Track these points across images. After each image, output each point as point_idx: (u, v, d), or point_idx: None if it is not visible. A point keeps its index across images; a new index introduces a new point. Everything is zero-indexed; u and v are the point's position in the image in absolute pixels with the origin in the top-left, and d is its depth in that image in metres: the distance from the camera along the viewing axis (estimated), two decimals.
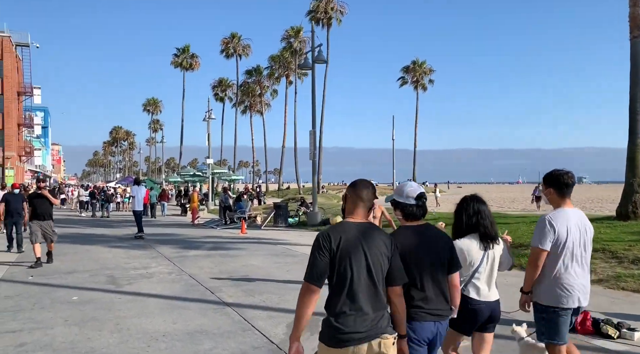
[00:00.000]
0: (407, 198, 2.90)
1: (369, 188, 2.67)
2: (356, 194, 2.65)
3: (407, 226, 2.94)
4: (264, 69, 55.03)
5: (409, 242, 2.82)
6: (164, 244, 13.59)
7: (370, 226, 2.61)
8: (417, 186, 2.97)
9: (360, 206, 2.63)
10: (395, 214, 3.00)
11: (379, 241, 2.55)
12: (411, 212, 2.91)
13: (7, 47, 42.52)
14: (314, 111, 20.08)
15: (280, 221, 19.52)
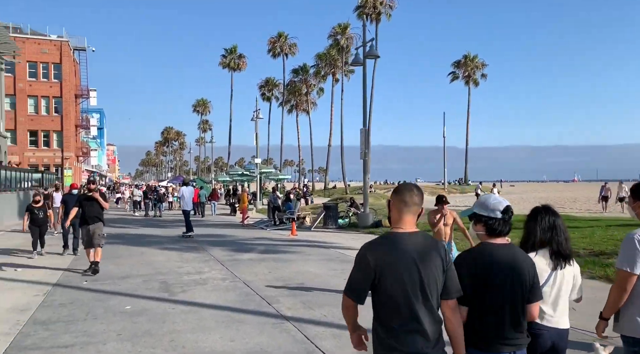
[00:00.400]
0: (492, 211, 2.58)
1: (413, 191, 2.42)
2: (400, 200, 2.40)
3: (489, 243, 2.59)
4: (310, 68, 54.73)
5: (491, 262, 2.51)
6: (216, 246, 13.37)
7: (421, 236, 2.36)
8: (502, 198, 2.66)
9: (405, 212, 2.38)
10: (475, 230, 2.65)
11: (432, 253, 2.33)
12: (496, 228, 2.58)
13: (66, 51, 44.30)
14: (365, 108, 19.40)
15: (330, 222, 18.99)
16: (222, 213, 29.70)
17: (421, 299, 2.28)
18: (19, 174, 23.66)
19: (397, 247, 2.29)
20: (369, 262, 2.28)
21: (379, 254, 2.29)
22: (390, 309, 2.30)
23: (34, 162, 43.12)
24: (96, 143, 77.11)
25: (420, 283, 2.27)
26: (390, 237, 2.35)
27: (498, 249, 2.56)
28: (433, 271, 2.29)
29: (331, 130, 53.91)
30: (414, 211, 2.39)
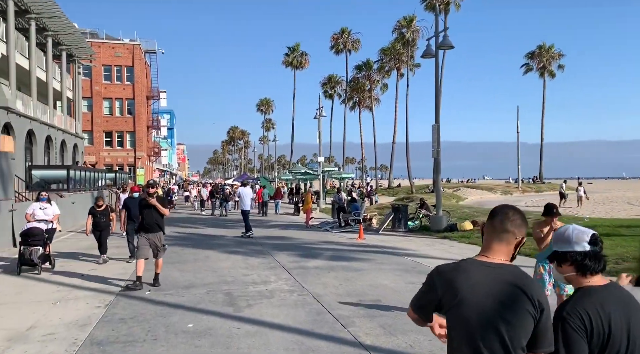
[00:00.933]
0: (577, 244, 2.04)
1: (506, 215, 2.05)
2: (489, 224, 2.09)
3: (587, 287, 2.03)
4: (373, 63, 53.48)
5: (598, 312, 1.92)
6: (281, 251, 12.77)
7: (508, 270, 1.97)
8: (583, 227, 2.10)
9: (494, 240, 2.05)
10: (562, 272, 2.10)
11: (518, 293, 1.90)
12: (589, 265, 2.02)
13: (138, 54, 46.06)
14: (437, 103, 18.09)
15: (399, 225, 17.91)
16: (286, 212, 29.38)
17: (494, 346, 1.87)
18: (93, 174, 24.49)
19: (471, 278, 1.94)
20: (436, 287, 2.02)
21: (448, 282, 1.97)
22: (455, 344, 1.99)
23: (108, 162, 45.25)
24: (167, 143, 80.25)
25: (495, 328, 1.87)
26: (466, 265, 2.00)
27: (601, 293, 1.98)
28: (517, 315, 1.87)
29: (395, 126, 52.41)
30: (505, 239, 2.02)
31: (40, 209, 9.99)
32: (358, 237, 15.40)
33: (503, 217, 2.04)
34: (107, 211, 11.13)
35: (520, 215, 2.06)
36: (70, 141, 31.54)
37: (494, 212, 2.10)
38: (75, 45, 30.74)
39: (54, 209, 10.28)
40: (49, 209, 10.14)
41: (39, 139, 24.95)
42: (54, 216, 10.24)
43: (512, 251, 2.04)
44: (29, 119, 23.17)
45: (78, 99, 34.07)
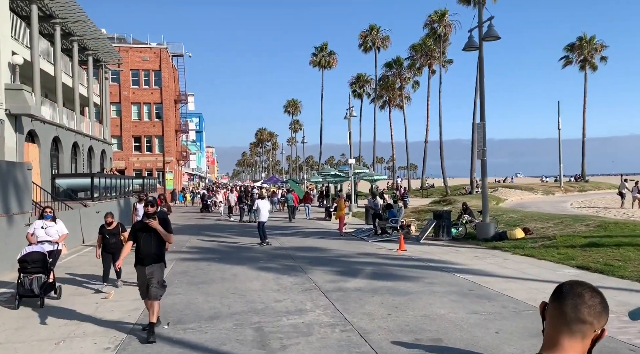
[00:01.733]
0: None
1: (582, 298, 1.46)
2: (557, 309, 1.48)
3: None
4: (404, 60, 51.82)
5: None
6: (315, 266, 11.57)
7: None
8: None
9: (564, 333, 1.46)
10: None
11: None
12: None
13: (165, 58, 45.78)
14: (482, 99, 16.53)
15: (442, 233, 16.46)
16: (317, 217, 28.22)
17: None
18: (120, 181, 23.91)
19: None
20: None
21: None
22: None
23: (137, 167, 45.12)
24: (196, 146, 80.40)
25: None
26: None
27: None
28: None
29: (428, 124, 50.59)
30: (580, 332, 1.44)
31: (43, 228, 8.79)
32: (399, 249, 14.06)
33: (577, 302, 1.47)
34: (117, 230, 9.42)
35: (599, 297, 1.48)
36: (98, 147, 31.22)
37: (563, 293, 1.51)
38: (101, 49, 30.38)
39: (59, 228, 8.99)
40: (52, 228, 8.84)
41: (65, 146, 24.53)
42: (61, 237, 8.99)
43: (589, 347, 1.47)
44: (54, 125, 22.73)
45: (106, 104, 33.80)
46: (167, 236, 6.53)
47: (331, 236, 18.77)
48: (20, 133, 18.91)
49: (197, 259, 13.01)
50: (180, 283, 9.96)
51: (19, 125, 18.67)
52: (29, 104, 17.99)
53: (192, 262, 12.49)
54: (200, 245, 16.10)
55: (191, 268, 11.64)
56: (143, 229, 6.46)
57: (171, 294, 8.91)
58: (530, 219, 18.54)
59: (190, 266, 11.91)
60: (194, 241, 17.12)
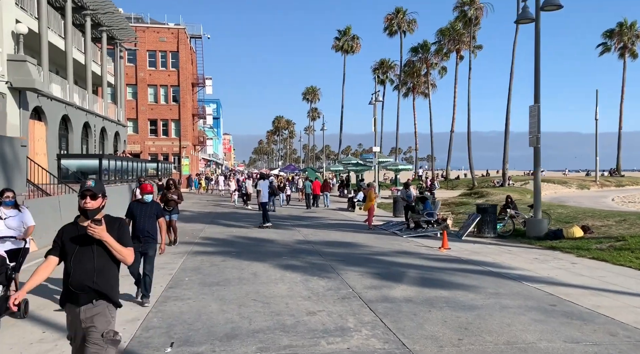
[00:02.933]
0: None
1: None
2: None
3: None
4: (431, 45, 49.39)
5: None
6: (349, 266, 9.86)
7: None
8: None
9: None
10: None
11: None
12: None
13: (183, 39, 44.19)
14: (537, 79, 14.49)
15: (486, 229, 14.61)
16: (339, 208, 26.54)
17: None
18: (132, 164, 22.44)
19: None
20: None
21: None
22: None
23: (153, 151, 43.85)
24: (212, 132, 79.12)
25: None
26: None
27: None
28: None
29: (454, 113, 48.27)
30: None
31: (2, 219, 6.34)
32: (441, 247, 12.25)
33: None
34: None
35: None
36: (112, 129, 29.86)
37: None
38: (116, 26, 28.87)
39: (25, 219, 6.54)
40: (13, 219, 6.40)
41: (76, 126, 23.14)
42: (27, 231, 6.51)
43: None
44: (63, 103, 21.31)
45: (120, 84, 32.39)
46: (122, 252, 3.37)
47: (359, 229, 17.04)
48: (25, 109, 17.48)
49: (212, 253, 11.41)
50: (190, 283, 8.34)
51: (23, 100, 17.24)
52: (32, 77, 16.50)
53: (206, 257, 10.88)
54: (215, 236, 14.53)
55: (204, 264, 10.04)
56: (78, 240, 3.37)
57: (179, 298, 7.30)
58: (584, 216, 16.55)
59: (204, 262, 10.30)
60: (208, 231, 15.56)
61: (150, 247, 7.04)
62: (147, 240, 7.02)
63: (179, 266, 9.76)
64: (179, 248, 12.04)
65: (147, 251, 7.03)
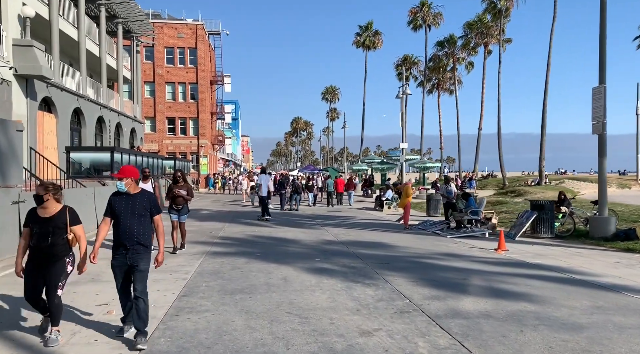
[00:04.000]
0: None
1: None
2: None
3: None
4: (457, 39, 47.37)
5: None
6: (393, 271, 8.26)
7: None
8: None
9: None
10: None
11: None
12: None
13: (201, 35, 43.12)
14: (602, 55, 12.65)
15: (542, 228, 12.83)
16: (364, 207, 24.92)
17: None
18: (147, 159, 21.18)
19: None
20: None
21: None
22: None
23: (171, 150, 42.83)
24: (231, 132, 78.14)
25: None
26: None
27: None
28: None
29: (482, 110, 46.16)
30: None
31: None
32: (498, 249, 10.54)
33: None
34: None
35: None
36: (128, 125, 28.76)
37: None
38: (132, 18, 27.78)
39: None
40: None
41: (89, 120, 22.00)
42: None
43: None
44: (75, 95, 20.15)
45: (137, 79, 31.32)
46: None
47: (393, 228, 15.40)
48: (33, 99, 16.30)
49: (233, 254, 9.92)
50: (209, 290, 6.83)
51: (30, 89, 16.06)
52: (40, 63, 15.30)
53: (227, 258, 9.39)
54: (235, 235, 13.05)
55: (225, 267, 8.54)
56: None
57: (195, 310, 5.80)
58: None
59: (224, 264, 8.80)
60: (228, 230, 14.09)
61: (141, 259, 4.62)
62: (136, 248, 4.60)
63: (195, 269, 8.28)
64: (196, 248, 10.58)
65: (136, 263, 4.60)
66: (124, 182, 4.60)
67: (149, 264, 4.75)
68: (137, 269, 4.61)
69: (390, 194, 24.98)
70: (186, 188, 10.06)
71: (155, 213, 4.74)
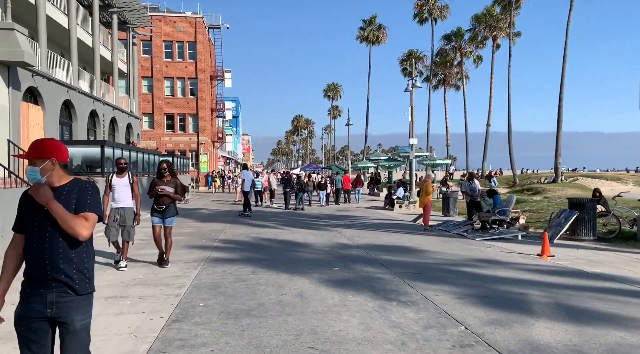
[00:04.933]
0: None
1: None
2: None
3: None
4: (465, 32, 45.90)
5: None
6: (430, 282, 6.85)
7: None
8: None
9: None
10: None
11: None
12: None
13: (201, 29, 41.65)
14: None
15: (583, 230, 11.41)
16: (373, 206, 23.54)
17: None
18: (142, 155, 19.76)
19: None
20: None
21: None
22: None
23: (170, 147, 41.37)
24: (232, 130, 76.70)
25: None
26: None
27: None
28: None
29: (490, 106, 44.73)
30: None
31: None
32: (542, 254, 9.12)
33: None
34: None
35: None
36: (123, 120, 27.34)
37: None
38: (127, 8, 26.33)
39: None
40: None
41: (80, 113, 20.57)
42: None
43: None
44: (65, 86, 18.72)
45: (134, 73, 29.87)
46: None
47: (411, 229, 13.99)
48: (16, 89, 14.89)
49: (236, 261, 8.51)
50: (207, 312, 5.41)
51: (12, 78, 14.64)
52: (21, 49, 13.87)
53: (229, 267, 7.98)
54: (238, 238, 11.64)
55: (227, 278, 7.12)
56: None
57: (187, 343, 4.39)
58: None
59: (226, 274, 7.39)
60: (230, 232, 12.68)
61: (75, 309, 2.47)
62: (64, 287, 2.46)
63: (190, 282, 6.86)
64: (193, 254, 9.17)
65: (65, 317, 2.45)
66: (37, 168, 2.50)
67: (90, 318, 2.58)
68: (67, 329, 2.46)
69: (401, 192, 23.61)
70: (174, 184, 7.79)
71: (82, 209, 2.50)
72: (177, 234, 12.19)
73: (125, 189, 7.73)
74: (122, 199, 7.72)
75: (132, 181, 7.86)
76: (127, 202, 7.77)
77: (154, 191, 7.76)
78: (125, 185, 7.76)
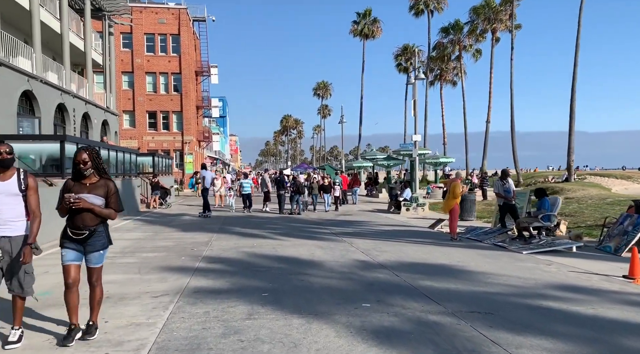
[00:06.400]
0: None
1: None
2: None
3: None
4: (463, 24, 43.92)
5: None
6: (515, 334, 4.57)
7: None
8: None
9: None
10: None
11: None
12: None
13: (184, 21, 39.09)
14: None
15: None
16: (374, 209, 21.30)
17: None
18: (115, 154, 17.22)
19: None
20: None
21: None
22: None
23: (152, 147, 38.72)
24: (219, 129, 74.00)
25: None
26: None
27: None
28: None
29: (490, 103, 42.83)
30: None
31: None
32: (636, 278, 6.89)
33: None
34: None
35: None
36: (99, 116, 24.75)
37: None
38: None
39: None
40: None
41: (45, 107, 18.00)
42: None
43: None
44: (19, 72, 16.15)
45: (110, 65, 27.27)
46: None
47: (433, 238, 11.74)
48: None
49: (225, 294, 6.12)
50: None
51: None
52: None
53: (214, 305, 5.59)
54: (227, 255, 9.24)
55: (211, 330, 4.72)
56: None
57: None
58: None
59: (210, 321, 4.99)
60: (216, 246, 10.27)
61: None
62: None
63: (155, 338, 4.47)
64: (166, 282, 6.78)
65: None
66: None
67: None
68: None
69: (409, 194, 21.41)
70: (104, 190, 4.31)
71: None
72: (151, 249, 9.77)
73: (12, 202, 4.15)
74: (5, 220, 4.12)
75: (25, 185, 4.22)
76: (16, 227, 4.16)
77: (65, 201, 4.15)
78: (11, 194, 4.14)
